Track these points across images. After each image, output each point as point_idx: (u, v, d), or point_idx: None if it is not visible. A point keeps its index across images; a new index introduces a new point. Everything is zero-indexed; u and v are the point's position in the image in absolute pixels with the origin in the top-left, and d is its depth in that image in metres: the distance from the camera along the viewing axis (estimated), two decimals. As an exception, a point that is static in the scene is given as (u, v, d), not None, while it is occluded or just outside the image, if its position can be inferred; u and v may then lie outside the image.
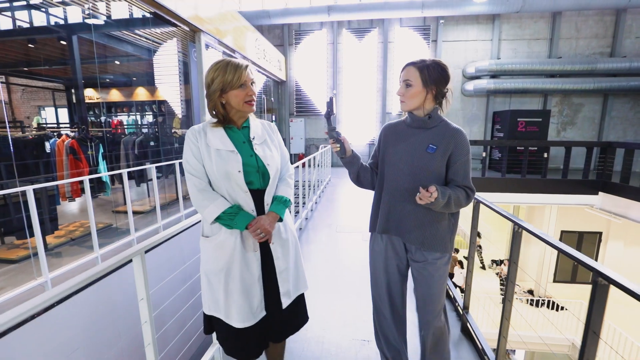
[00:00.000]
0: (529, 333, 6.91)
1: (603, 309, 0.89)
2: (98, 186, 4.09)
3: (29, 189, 2.41)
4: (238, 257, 1.24)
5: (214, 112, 1.28)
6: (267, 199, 1.30)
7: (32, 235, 3.26)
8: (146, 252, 1.17)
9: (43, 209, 3.16)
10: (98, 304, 2.36)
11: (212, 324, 1.36)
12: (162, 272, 2.55)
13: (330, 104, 1.41)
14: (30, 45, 5.90)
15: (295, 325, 1.42)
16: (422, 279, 1.39)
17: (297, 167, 4.70)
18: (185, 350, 1.51)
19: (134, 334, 1.30)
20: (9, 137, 2.75)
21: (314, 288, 2.82)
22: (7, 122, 3.64)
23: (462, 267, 8.46)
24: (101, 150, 3.90)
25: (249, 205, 1.26)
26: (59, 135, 3.82)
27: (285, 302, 1.32)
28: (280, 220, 1.30)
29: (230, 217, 1.21)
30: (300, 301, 1.44)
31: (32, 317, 2.00)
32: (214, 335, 1.58)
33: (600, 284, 0.88)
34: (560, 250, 1.18)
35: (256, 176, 1.28)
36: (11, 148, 2.76)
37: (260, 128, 1.37)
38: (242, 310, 1.25)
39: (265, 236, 1.24)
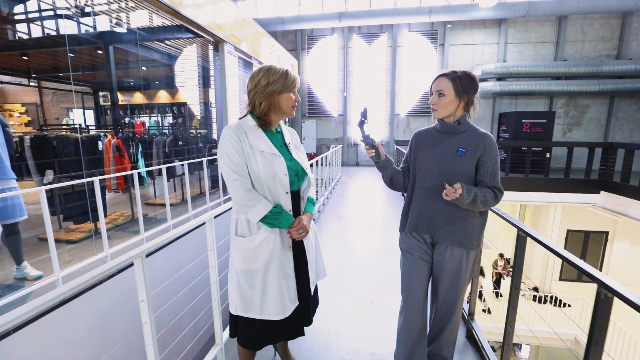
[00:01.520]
0: (534, 327, 7.21)
1: (523, 256, 1.33)
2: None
3: (96, 180, 2.96)
4: (277, 254, 1.32)
5: (262, 112, 1.31)
6: (304, 200, 1.40)
7: (88, 220, 3.85)
8: (215, 217, 1.67)
9: (97, 199, 3.72)
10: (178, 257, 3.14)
11: (237, 325, 1.43)
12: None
13: (364, 114, 1.47)
14: (70, 55, 6.56)
15: (314, 309, 1.56)
16: (446, 275, 1.43)
17: (310, 165, 5.19)
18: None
19: (203, 280, 1.76)
20: (79, 138, 3.33)
21: (327, 271, 3.31)
22: (77, 124, 4.23)
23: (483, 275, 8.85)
24: (140, 148, 4.47)
25: (287, 205, 1.33)
26: (105, 136, 4.40)
27: (312, 289, 1.48)
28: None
29: (275, 217, 1.27)
30: (315, 289, 1.59)
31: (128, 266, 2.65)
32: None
33: (520, 236, 1.32)
34: (501, 218, 1.62)
35: (295, 179, 1.35)
36: (80, 147, 3.34)
37: (289, 134, 1.45)
38: (279, 303, 1.33)
39: (305, 234, 1.33)
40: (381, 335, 2.09)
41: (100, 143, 3.82)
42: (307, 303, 1.45)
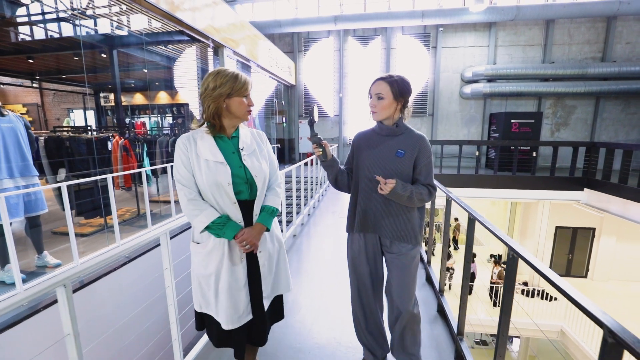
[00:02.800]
0: (524, 320, 7.51)
1: (472, 235, 1.64)
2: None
3: (109, 177, 3.25)
4: (226, 265, 1.29)
5: (210, 115, 1.29)
6: (256, 210, 1.33)
7: (98, 215, 4.13)
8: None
9: (107, 195, 4.02)
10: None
11: (203, 320, 1.43)
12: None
13: (311, 112, 1.52)
14: (75, 57, 6.82)
15: (270, 324, 1.50)
16: (397, 270, 1.50)
17: (306, 164, 5.50)
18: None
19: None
20: (93, 140, 3.62)
21: (319, 259, 3.62)
22: (89, 126, 4.51)
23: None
24: (146, 148, 4.76)
25: (237, 216, 1.29)
26: (112, 136, 4.69)
27: (266, 304, 1.40)
28: (267, 230, 1.35)
29: (219, 227, 1.24)
30: (278, 302, 1.52)
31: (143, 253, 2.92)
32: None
33: (470, 219, 1.63)
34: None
35: (244, 187, 1.30)
36: (94, 146, 3.63)
37: (249, 137, 1.39)
38: (228, 313, 1.30)
39: (251, 247, 1.29)
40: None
41: (109, 143, 4.11)
42: (260, 319, 1.40)
